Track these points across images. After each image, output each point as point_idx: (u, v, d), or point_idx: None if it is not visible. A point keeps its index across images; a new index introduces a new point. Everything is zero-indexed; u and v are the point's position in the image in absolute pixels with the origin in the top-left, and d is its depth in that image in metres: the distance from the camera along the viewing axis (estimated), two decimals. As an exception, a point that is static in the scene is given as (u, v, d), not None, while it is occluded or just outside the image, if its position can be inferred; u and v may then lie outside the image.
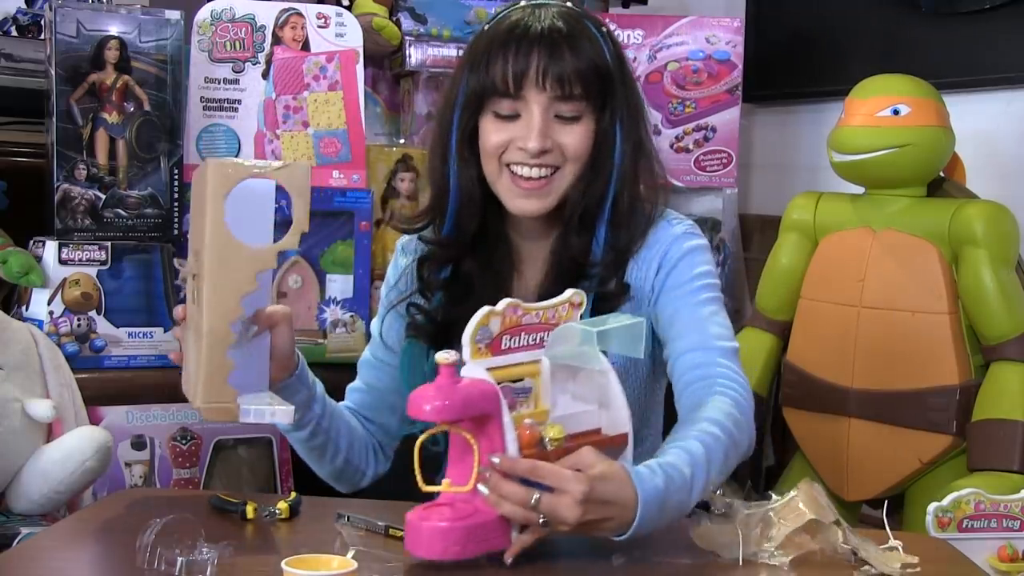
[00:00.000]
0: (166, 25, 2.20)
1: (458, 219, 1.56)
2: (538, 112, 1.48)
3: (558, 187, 1.52)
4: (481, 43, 1.52)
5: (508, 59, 1.47)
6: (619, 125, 1.52)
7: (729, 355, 1.48)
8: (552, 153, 1.49)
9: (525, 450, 1.22)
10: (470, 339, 1.24)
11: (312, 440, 1.57)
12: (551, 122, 1.49)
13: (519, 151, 1.49)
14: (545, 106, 1.48)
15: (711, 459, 1.33)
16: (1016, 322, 2.10)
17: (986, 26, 2.46)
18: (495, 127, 1.51)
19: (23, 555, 1.35)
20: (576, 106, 1.49)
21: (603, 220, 1.53)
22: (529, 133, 1.48)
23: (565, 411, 1.30)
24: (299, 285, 2.37)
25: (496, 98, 1.49)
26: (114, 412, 2.10)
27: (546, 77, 1.46)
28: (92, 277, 2.15)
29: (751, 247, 2.90)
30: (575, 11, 1.53)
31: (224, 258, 1.28)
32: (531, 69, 1.46)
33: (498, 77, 1.48)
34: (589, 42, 1.49)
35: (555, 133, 1.49)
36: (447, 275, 1.58)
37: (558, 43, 1.47)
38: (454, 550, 1.20)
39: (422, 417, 1.20)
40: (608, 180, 1.52)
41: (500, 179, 1.52)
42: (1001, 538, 1.96)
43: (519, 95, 1.48)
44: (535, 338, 1.28)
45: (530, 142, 1.47)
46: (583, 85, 1.48)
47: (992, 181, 2.34)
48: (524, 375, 1.28)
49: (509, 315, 1.26)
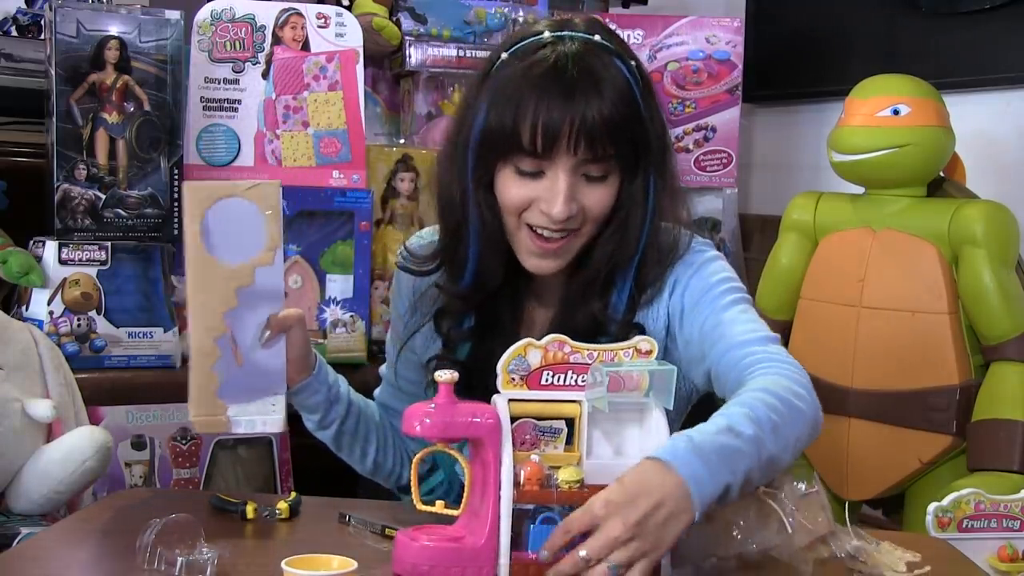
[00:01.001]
0: (166, 25, 2.20)
1: (481, 265, 1.45)
2: (564, 178, 1.37)
3: (575, 247, 1.43)
4: (506, 79, 1.39)
5: (539, 113, 1.34)
6: (652, 179, 1.42)
7: (767, 342, 1.38)
8: (575, 217, 1.39)
9: (527, 485, 1.19)
10: (503, 368, 1.23)
11: (339, 440, 1.56)
12: (577, 182, 1.38)
13: (541, 214, 1.39)
14: (573, 168, 1.37)
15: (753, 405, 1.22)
16: (1016, 322, 2.10)
17: (986, 26, 2.46)
18: (516, 184, 1.39)
19: (23, 555, 1.35)
20: (605, 166, 1.39)
21: (629, 274, 1.45)
22: (554, 198, 1.37)
23: (600, 460, 1.24)
24: (299, 285, 2.37)
25: (520, 155, 1.37)
26: (114, 412, 2.10)
27: (579, 140, 1.35)
28: (92, 277, 2.14)
29: (751, 247, 2.90)
30: (602, 45, 1.40)
31: (203, 278, 1.34)
32: (563, 132, 1.34)
33: (525, 134, 1.35)
34: (618, 88, 1.37)
35: (579, 194, 1.38)
36: (471, 324, 1.49)
37: (590, 96, 1.35)
38: (437, 572, 1.19)
39: (413, 434, 1.20)
40: (638, 239, 1.43)
41: (518, 234, 1.43)
42: (1001, 538, 1.96)
43: (547, 156, 1.36)
44: (584, 379, 1.24)
45: (555, 208, 1.37)
46: (614, 143, 1.37)
47: (992, 181, 2.34)
48: (563, 415, 1.24)
49: (553, 350, 1.24)
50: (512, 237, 1.44)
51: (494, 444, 1.19)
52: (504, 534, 1.18)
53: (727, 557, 1.27)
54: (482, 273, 1.46)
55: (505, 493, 1.18)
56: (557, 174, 1.37)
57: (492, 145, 1.39)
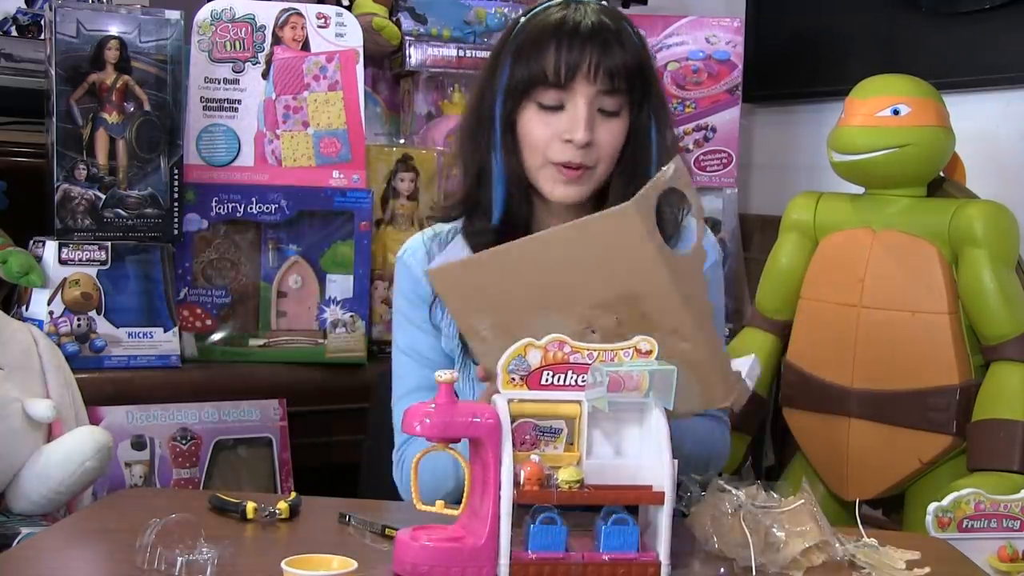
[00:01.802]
0: (166, 25, 2.20)
1: (508, 205, 1.57)
2: (584, 105, 1.50)
3: (595, 178, 1.55)
4: (528, 34, 1.54)
5: (561, 50, 1.50)
6: (653, 123, 1.56)
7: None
8: (592, 148, 1.52)
9: (527, 485, 1.19)
10: (503, 368, 1.23)
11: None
12: (595, 114, 1.52)
13: (563, 145, 1.51)
14: (591, 99, 1.51)
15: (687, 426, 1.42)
16: (1016, 322, 2.10)
17: (986, 26, 2.46)
18: (540, 119, 1.53)
19: (23, 555, 1.35)
20: (618, 101, 1.53)
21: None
22: (576, 125, 1.50)
23: (600, 460, 1.24)
24: (299, 285, 2.37)
25: (543, 88, 1.51)
26: (114, 412, 2.10)
27: (598, 70, 1.50)
28: (92, 277, 2.14)
29: (751, 247, 2.90)
30: (613, 10, 1.57)
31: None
32: (584, 61, 1.49)
33: (550, 67, 1.50)
34: (631, 39, 1.54)
35: (596, 127, 1.52)
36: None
37: (608, 39, 1.51)
38: (437, 572, 1.19)
39: (413, 433, 1.20)
40: (645, 174, 1.52)
41: (543, 170, 1.55)
42: (1001, 538, 1.96)
43: (568, 86, 1.50)
44: (584, 379, 1.24)
45: (578, 133, 1.50)
46: (628, 81, 1.52)
47: (992, 181, 2.34)
48: (563, 415, 1.24)
49: (553, 350, 1.24)
50: (536, 175, 1.55)
51: (494, 444, 1.19)
52: (504, 534, 1.18)
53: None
54: (508, 211, 1.58)
55: (505, 493, 1.18)
56: (577, 102, 1.51)
57: (517, 86, 1.53)
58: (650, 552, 1.22)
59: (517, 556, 1.19)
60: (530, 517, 1.21)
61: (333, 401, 2.32)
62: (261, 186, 2.33)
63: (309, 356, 2.35)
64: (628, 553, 1.21)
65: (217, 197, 2.31)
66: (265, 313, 2.36)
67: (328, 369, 2.35)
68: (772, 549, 1.29)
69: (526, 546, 1.20)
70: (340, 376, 2.35)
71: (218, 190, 2.31)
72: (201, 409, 2.18)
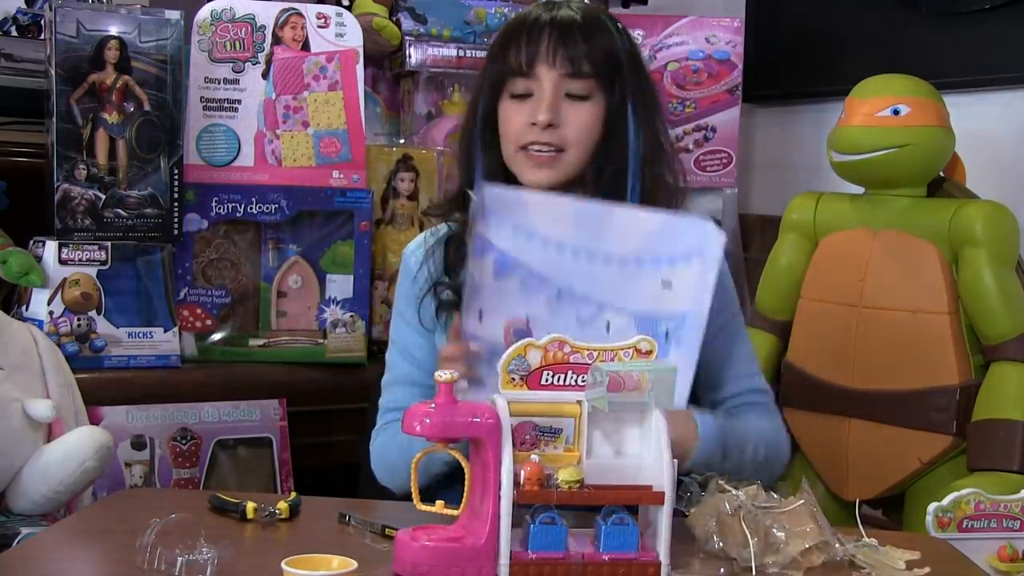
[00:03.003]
0: (166, 25, 2.20)
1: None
2: (549, 88, 1.54)
3: (567, 163, 1.57)
4: (499, 35, 1.63)
5: (522, 42, 1.56)
6: (632, 109, 1.57)
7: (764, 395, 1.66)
8: (560, 129, 1.55)
9: (527, 485, 1.19)
10: (502, 368, 1.23)
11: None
12: (561, 100, 1.55)
13: (531, 128, 1.55)
14: (556, 82, 1.55)
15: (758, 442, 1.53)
16: (1016, 322, 2.10)
17: (986, 26, 2.46)
18: (513, 109, 1.57)
19: (23, 555, 1.35)
20: (585, 84, 1.55)
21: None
22: (539, 107, 1.54)
23: (600, 460, 1.25)
24: (299, 285, 2.37)
25: (512, 79, 1.57)
26: (114, 412, 2.10)
27: (556, 55, 1.54)
28: (92, 277, 2.14)
29: (751, 247, 2.90)
30: (591, 7, 1.62)
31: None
32: (542, 47, 1.55)
33: (512, 59, 1.56)
34: (600, 31, 1.57)
35: (564, 111, 1.55)
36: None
37: (569, 27, 1.55)
38: (437, 572, 1.19)
39: (413, 433, 1.20)
40: (624, 162, 1.56)
41: (516, 157, 1.58)
42: (1001, 538, 1.96)
43: (531, 73, 1.55)
44: (584, 379, 1.25)
45: (540, 114, 1.54)
46: (592, 64, 1.55)
47: (992, 181, 2.34)
48: (563, 414, 1.24)
49: (553, 350, 1.24)
50: (513, 163, 1.59)
51: (494, 444, 1.19)
52: (504, 534, 1.18)
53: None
54: None
55: (505, 493, 1.18)
56: (542, 86, 1.55)
57: (492, 83, 1.59)
58: (650, 552, 1.22)
59: (517, 556, 1.19)
60: (530, 517, 1.21)
61: (333, 401, 2.32)
62: (261, 186, 2.33)
63: (309, 356, 2.35)
64: (628, 553, 1.21)
65: (217, 197, 2.31)
66: (265, 313, 2.36)
67: (328, 369, 2.35)
68: (772, 549, 1.29)
69: (526, 546, 1.20)
70: (340, 376, 2.35)
71: (218, 190, 2.31)
72: (201, 409, 2.18)
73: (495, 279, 1.43)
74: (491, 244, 1.42)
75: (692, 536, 1.33)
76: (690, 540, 1.33)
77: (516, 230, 1.43)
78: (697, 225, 1.44)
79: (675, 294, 1.42)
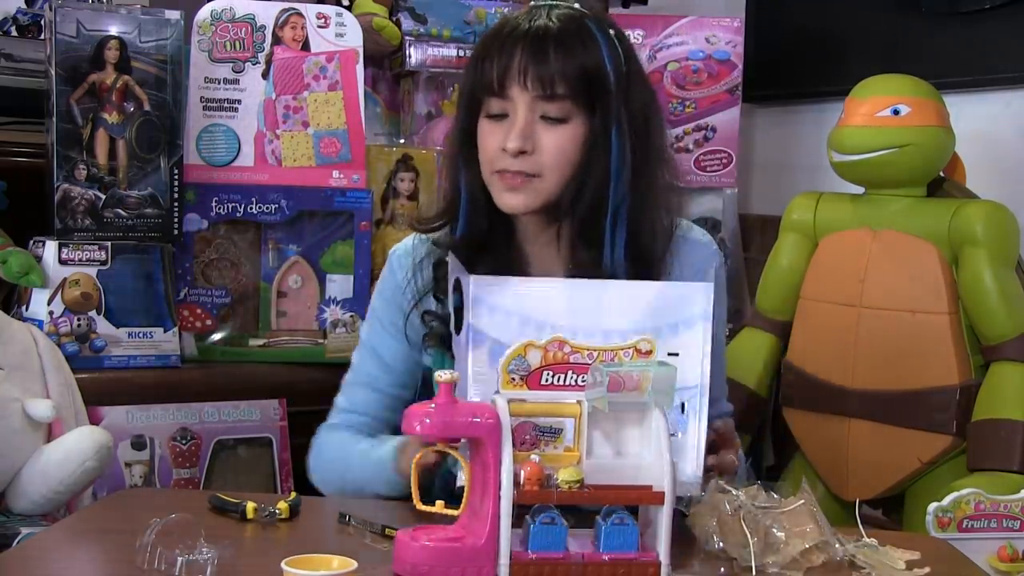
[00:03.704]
0: (166, 25, 2.20)
1: (468, 220, 1.56)
2: (522, 112, 1.48)
3: (541, 188, 1.50)
4: (478, 44, 1.56)
5: (494, 58, 1.48)
6: (616, 129, 1.49)
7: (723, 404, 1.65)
8: (533, 155, 1.48)
9: (527, 485, 1.19)
10: (502, 368, 1.23)
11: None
12: (536, 123, 1.48)
13: (503, 154, 1.48)
14: (529, 105, 1.47)
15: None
16: (1016, 322, 2.10)
17: (986, 26, 2.46)
18: (489, 130, 1.51)
19: (23, 555, 1.35)
20: (561, 106, 1.47)
21: (619, 229, 1.51)
22: (511, 132, 1.47)
23: (600, 460, 1.24)
24: (299, 285, 2.37)
25: (487, 98, 1.50)
26: (114, 412, 2.10)
27: (527, 75, 1.46)
28: (92, 277, 2.14)
29: (751, 247, 2.90)
30: (578, 12, 1.51)
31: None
32: (513, 67, 1.47)
33: (486, 76, 1.49)
34: (582, 43, 1.47)
35: (539, 134, 1.48)
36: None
37: (543, 42, 1.46)
38: (437, 572, 1.19)
39: (413, 433, 1.20)
40: (604, 186, 1.49)
41: (492, 179, 1.52)
42: (1001, 538, 1.96)
43: (504, 94, 1.48)
44: (584, 379, 1.24)
45: (510, 141, 1.47)
46: (568, 85, 1.46)
47: (992, 181, 2.34)
48: (563, 414, 1.24)
49: (553, 350, 1.24)
50: (489, 184, 1.53)
51: (494, 444, 1.19)
52: (504, 534, 1.19)
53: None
54: (471, 225, 1.56)
55: (505, 493, 1.18)
56: (516, 109, 1.48)
57: (470, 97, 1.53)
58: (650, 552, 1.22)
59: (517, 556, 1.19)
60: (530, 517, 1.21)
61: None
62: (261, 186, 2.33)
63: (309, 356, 2.34)
64: (628, 553, 1.21)
65: (217, 197, 2.31)
66: (265, 313, 2.36)
67: (328, 369, 2.33)
68: (772, 549, 1.29)
69: (526, 546, 1.20)
70: (340, 376, 2.32)
71: (218, 190, 2.31)
72: (201, 409, 2.18)
73: (490, 368, 1.32)
74: (483, 334, 1.32)
75: (692, 536, 1.33)
76: (690, 540, 1.33)
77: (508, 316, 1.32)
78: (691, 288, 1.35)
79: (683, 363, 1.32)
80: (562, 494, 1.20)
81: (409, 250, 1.64)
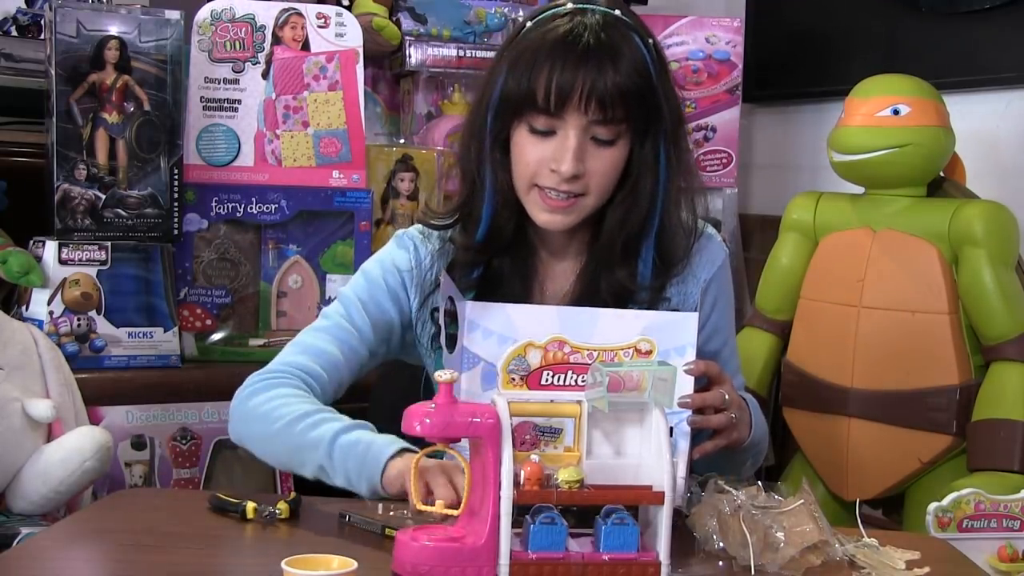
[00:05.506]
0: (166, 25, 2.20)
1: (494, 222, 1.53)
2: (574, 135, 1.44)
3: (583, 207, 1.49)
4: (526, 45, 1.46)
5: (553, 73, 1.42)
6: (663, 147, 1.49)
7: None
8: (581, 179, 1.46)
9: (527, 485, 1.19)
10: (502, 368, 1.23)
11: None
12: (586, 144, 1.45)
13: (551, 174, 1.45)
14: (583, 128, 1.44)
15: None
16: (1016, 322, 2.10)
17: (986, 26, 2.46)
18: (530, 143, 1.46)
19: (23, 555, 1.35)
20: (614, 129, 1.45)
21: (650, 243, 1.52)
22: (563, 155, 1.44)
23: (600, 460, 1.24)
24: (299, 285, 2.37)
25: (534, 112, 1.45)
26: (114, 412, 2.10)
27: (590, 100, 1.42)
28: (92, 277, 2.14)
29: (751, 247, 2.90)
30: (622, 20, 1.47)
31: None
32: (575, 91, 1.41)
33: (540, 92, 1.43)
34: (634, 59, 1.44)
35: (587, 155, 1.45)
36: (479, 274, 1.55)
37: (604, 62, 1.42)
38: (437, 572, 1.19)
39: (413, 433, 1.20)
40: (652, 205, 1.50)
41: (529, 195, 1.50)
42: (1001, 538, 1.96)
43: (559, 114, 1.44)
44: (584, 379, 1.24)
45: (563, 165, 1.44)
46: (625, 108, 1.44)
47: (992, 181, 2.34)
48: (563, 415, 1.24)
49: (553, 350, 1.24)
50: (523, 197, 1.50)
51: (494, 444, 1.19)
52: (504, 534, 1.18)
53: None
54: (494, 229, 1.53)
55: (505, 493, 1.18)
56: (568, 132, 1.44)
57: (509, 104, 1.46)
58: (650, 552, 1.22)
59: (517, 556, 1.19)
60: (530, 517, 1.21)
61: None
62: (261, 186, 2.33)
63: (309, 356, 2.34)
64: (628, 553, 1.21)
65: (217, 197, 2.31)
66: (265, 313, 2.36)
67: (328, 369, 2.35)
68: (772, 549, 1.29)
69: (526, 546, 1.20)
70: (340, 376, 2.34)
71: (218, 190, 2.31)
72: (201, 409, 2.18)
73: (484, 390, 1.34)
74: (477, 357, 1.33)
75: (692, 536, 1.33)
76: (690, 540, 1.33)
77: (502, 340, 1.33)
78: (680, 317, 1.38)
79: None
80: (562, 494, 1.20)
81: (423, 239, 1.61)
